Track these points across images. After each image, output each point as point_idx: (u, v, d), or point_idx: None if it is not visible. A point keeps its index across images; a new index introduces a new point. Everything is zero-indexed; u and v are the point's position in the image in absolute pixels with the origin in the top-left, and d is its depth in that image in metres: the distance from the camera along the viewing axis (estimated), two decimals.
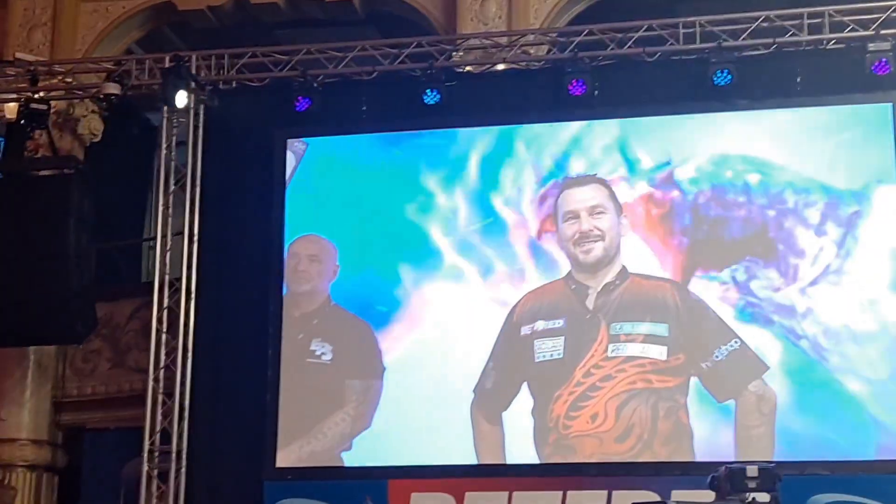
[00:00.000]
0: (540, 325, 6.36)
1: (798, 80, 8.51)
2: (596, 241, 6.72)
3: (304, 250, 7.26)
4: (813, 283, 6.70)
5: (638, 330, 6.35)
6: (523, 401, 6.40)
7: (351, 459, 7.00)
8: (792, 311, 6.56)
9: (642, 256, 6.91)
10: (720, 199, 7.13)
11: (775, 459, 6.61)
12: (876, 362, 6.57)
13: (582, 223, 6.81)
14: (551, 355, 6.34)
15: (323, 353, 7.01)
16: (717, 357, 6.32)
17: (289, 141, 8.74)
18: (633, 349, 6.35)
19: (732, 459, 6.59)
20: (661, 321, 6.30)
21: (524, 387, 6.47)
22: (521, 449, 6.43)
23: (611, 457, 6.25)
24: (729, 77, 8.47)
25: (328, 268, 7.29)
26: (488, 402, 6.58)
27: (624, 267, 6.74)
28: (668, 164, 7.45)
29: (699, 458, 6.47)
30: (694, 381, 6.35)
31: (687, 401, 6.28)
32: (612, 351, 6.35)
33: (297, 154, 8.68)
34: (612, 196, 7.05)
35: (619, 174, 7.34)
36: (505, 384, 6.52)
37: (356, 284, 7.42)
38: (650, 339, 6.30)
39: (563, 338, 6.35)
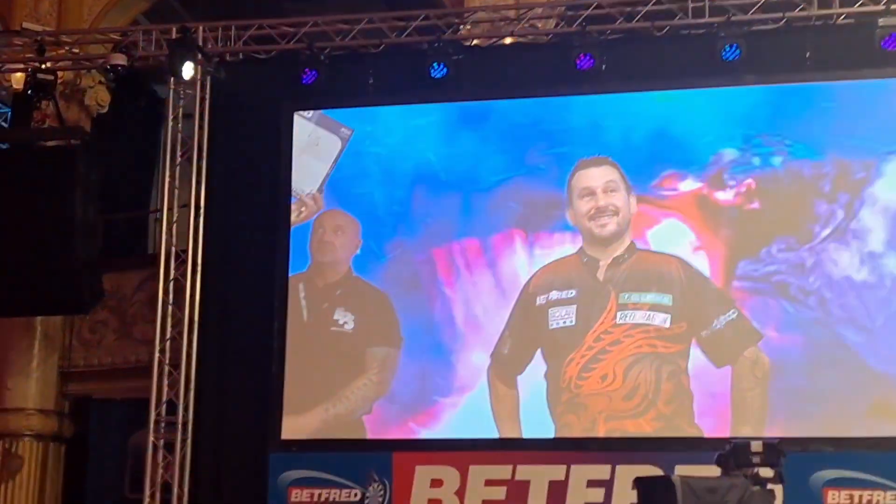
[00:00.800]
0: (554, 295, 6.85)
1: (807, 54, 8.44)
2: (612, 216, 7.16)
3: (330, 222, 7.62)
4: (822, 241, 7.10)
5: (644, 300, 6.84)
6: (537, 365, 6.86)
7: (371, 423, 7.48)
8: (802, 269, 6.96)
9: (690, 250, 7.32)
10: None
11: (768, 420, 6.88)
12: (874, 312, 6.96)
13: (598, 199, 7.21)
14: (564, 323, 6.86)
15: (345, 323, 7.37)
16: (715, 326, 6.84)
17: (335, 125, 8.67)
18: (639, 317, 6.84)
19: (729, 419, 6.88)
20: (665, 292, 6.83)
21: (538, 352, 6.94)
22: (535, 409, 6.88)
23: (619, 414, 6.77)
24: (738, 52, 8.41)
25: (351, 241, 7.60)
26: (505, 366, 7.02)
27: (632, 242, 7.16)
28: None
29: (698, 419, 6.91)
30: (694, 347, 6.85)
31: (688, 365, 6.77)
32: (620, 318, 6.85)
33: (343, 139, 8.60)
34: (623, 176, 7.44)
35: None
36: (520, 350, 6.99)
37: (378, 258, 7.71)
38: (655, 307, 6.79)
39: (575, 306, 6.86)
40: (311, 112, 9.03)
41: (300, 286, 7.54)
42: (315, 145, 8.42)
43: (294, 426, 7.95)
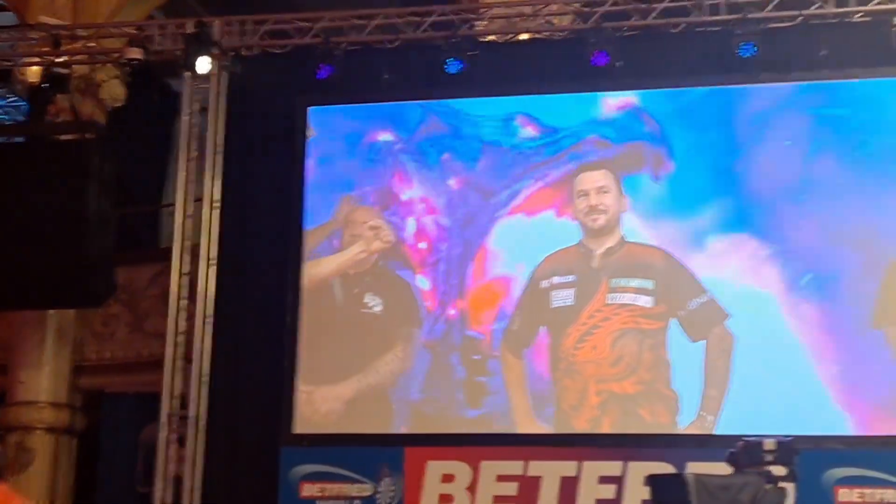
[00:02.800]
0: (556, 279, 8.01)
1: (823, 53, 8.42)
2: (601, 213, 8.18)
3: (361, 218, 8.60)
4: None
5: (630, 284, 7.92)
6: (541, 339, 7.99)
7: (395, 395, 8.28)
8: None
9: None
10: None
11: (730, 383, 7.80)
12: None
13: (591, 199, 8.21)
14: (564, 303, 8.00)
15: (374, 305, 8.27)
16: (690, 307, 7.91)
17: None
18: (626, 298, 7.94)
19: (700, 384, 7.81)
20: (649, 278, 7.93)
21: (542, 328, 8.04)
22: (538, 376, 8.01)
23: (606, 378, 7.85)
24: (753, 49, 8.40)
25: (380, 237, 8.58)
26: (514, 340, 8.10)
27: (622, 236, 8.19)
28: None
29: (673, 384, 7.90)
30: (673, 324, 7.92)
31: (666, 339, 7.86)
32: (610, 299, 7.95)
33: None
34: (617, 180, 8.31)
35: None
36: (527, 326, 8.08)
37: (398, 250, 8.61)
38: (640, 291, 7.89)
39: (573, 289, 7.99)
40: None
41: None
42: None
43: (331, 394, 8.46)
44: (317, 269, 8.87)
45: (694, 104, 8.63)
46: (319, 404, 8.47)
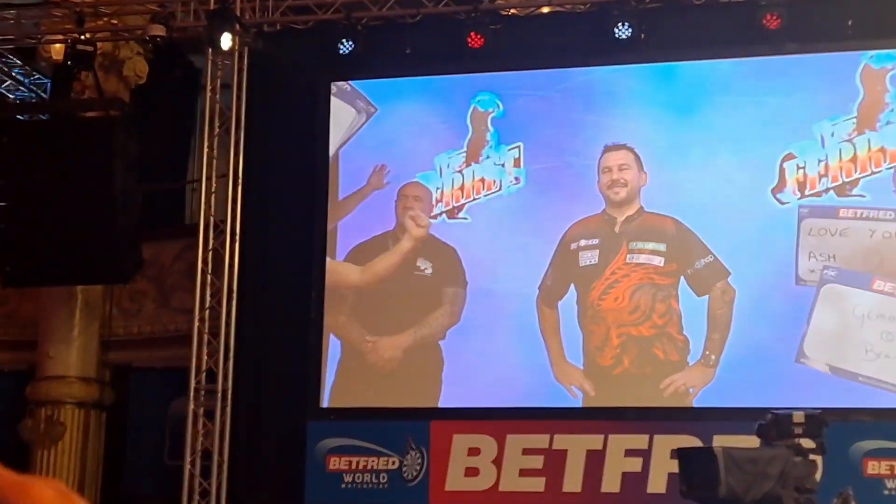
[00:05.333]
0: (583, 242, 8.86)
1: (849, 23, 8.35)
2: (622, 187, 8.84)
3: (411, 192, 9.17)
4: None
5: (646, 247, 8.74)
6: (571, 293, 8.82)
7: (447, 346, 8.89)
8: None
9: None
10: None
11: (731, 328, 8.49)
12: None
13: (613, 174, 8.84)
14: (590, 262, 8.82)
15: (426, 269, 9.04)
16: (697, 266, 8.64)
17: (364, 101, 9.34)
18: (642, 259, 8.75)
19: (705, 329, 8.52)
20: (662, 242, 8.73)
21: (572, 284, 8.83)
22: (570, 324, 8.79)
23: (625, 323, 8.63)
24: (778, 20, 8.34)
25: (427, 208, 9.12)
26: (548, 294, 8.85)
27: (641, 206, 8.84)
28: None
29: (685, 330, 8.61)
30: (682, 281, 8.67)
31: (677, 293, 8.64)
32: (629, 259, 8.77)
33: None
34: (637, 158, 8.84)
35: None
36: (559, 282, 8.87)
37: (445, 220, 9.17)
38: (654, 252, 8.73)
39: (598, 251, 8.82)
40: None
41: (389, 241, 9.10)
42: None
43: (391, 344, 8.96)
44: (380, 264, 9.12)
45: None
46: (383, 352, 9.01)
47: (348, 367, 9.03)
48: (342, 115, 9.32)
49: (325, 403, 8.91)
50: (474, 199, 9.06)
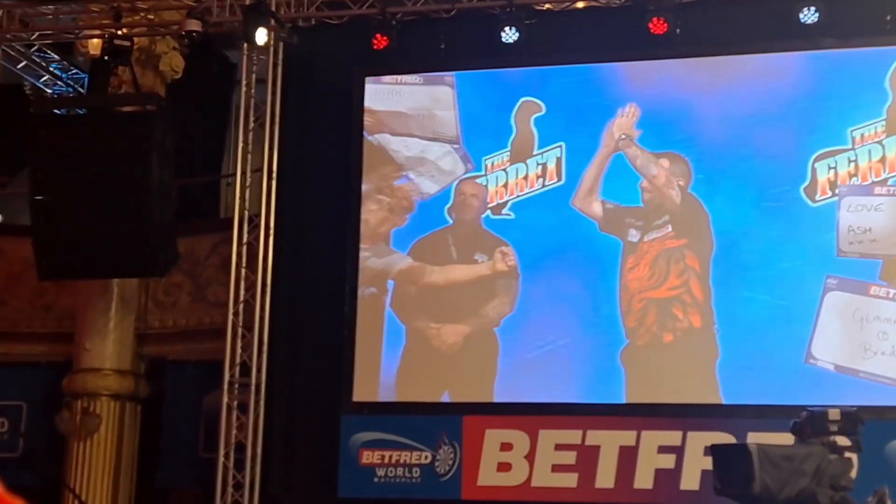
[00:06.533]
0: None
1: (888, 17, 8.28)
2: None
3: (468, 189, 9.27)
4: None
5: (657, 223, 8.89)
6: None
7: (502, 334, 8.99)
8: None
9: None
10: None
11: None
12: None
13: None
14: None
15: (483, 261, 9.17)
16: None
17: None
18: (656, 234, 8.87)
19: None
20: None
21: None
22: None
23: (645, 289, 8.78)
24: (816, 15, 8.28)
25: (483, 203, 9.21)
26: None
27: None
28: None
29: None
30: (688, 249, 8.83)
31: (688, 254, 8.78)
32: (647, 238, 8.90)
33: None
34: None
35: None
36: None
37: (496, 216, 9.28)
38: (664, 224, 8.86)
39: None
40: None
41: (448, 236, 9.23)
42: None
43: (452, 332, 9.03)
44: (461, 272, 9.21)
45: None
46: (446, 337, 9.11)
47: (413, 353, 9.08)
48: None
49: (388, 389, 8.96)
50: (517, 196, 9.09)
